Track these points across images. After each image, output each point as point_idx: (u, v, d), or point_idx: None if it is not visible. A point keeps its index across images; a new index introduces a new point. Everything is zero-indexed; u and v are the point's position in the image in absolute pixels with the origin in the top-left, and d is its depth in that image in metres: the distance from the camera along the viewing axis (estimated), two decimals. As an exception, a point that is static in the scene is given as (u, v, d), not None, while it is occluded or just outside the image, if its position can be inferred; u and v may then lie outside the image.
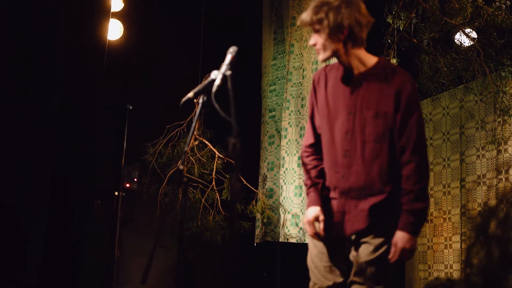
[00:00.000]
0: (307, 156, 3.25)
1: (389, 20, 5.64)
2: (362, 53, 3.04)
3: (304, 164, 3.28)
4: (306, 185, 3.24)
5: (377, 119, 2.99)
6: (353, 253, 3.10)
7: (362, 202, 3.04)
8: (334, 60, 3.14)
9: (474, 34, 5.26)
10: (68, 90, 5.59)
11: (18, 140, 5.21)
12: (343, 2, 2.91)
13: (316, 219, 3.11)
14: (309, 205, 3.19)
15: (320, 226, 3.11)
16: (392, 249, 2.96)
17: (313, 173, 3.21)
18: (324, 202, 3.14)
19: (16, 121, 5.18)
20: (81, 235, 5.75)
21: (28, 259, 5.29)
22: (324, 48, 3.00)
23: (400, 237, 2.94)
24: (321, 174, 3.18)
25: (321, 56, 3.04)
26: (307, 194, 3.23)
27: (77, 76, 5.61)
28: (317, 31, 2.99)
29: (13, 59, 5.23)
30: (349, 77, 3.08)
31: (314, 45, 3.04)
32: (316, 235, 3.12)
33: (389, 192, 3.02)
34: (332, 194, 3.13)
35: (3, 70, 5.14)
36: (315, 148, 3.22)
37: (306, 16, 2.98)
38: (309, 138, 3.25)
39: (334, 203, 3.11)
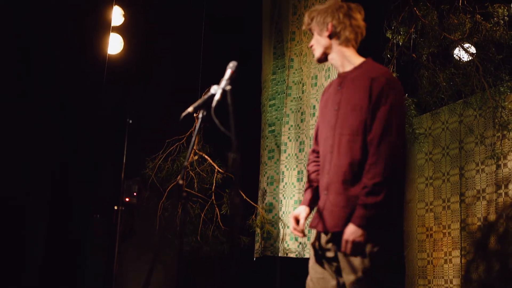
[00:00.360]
0: (310, 162, 3.39)
1: (389, 35, 5.66)
2: (349, 52, 3.24)
3: (307, 170, 3.41)
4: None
5: (353, 113, 3.07)
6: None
7: (339, 198, 3.08)
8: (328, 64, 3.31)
9: (473, 49, 5.28)
10: (68, 103, 5.60)
11: (19, 151, 5.23)
12: (331, 6, 3.26)
13: (298, 217, 3.24)
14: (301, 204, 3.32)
15: (300, 223, 3.23)
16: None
17: (312, 176, 3.33)
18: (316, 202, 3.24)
19: (17, 133, 5.20)
20: (82, 237, 5.74)
21: (28, 259, 5.28)
22: (317, 45, 3.27)
23: (347, 229, 2.96)
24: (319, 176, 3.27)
25: (315, 54, 3.31)
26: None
27: (77, 90, 5.62)
28: (313, 33, 3.30)
29: (14, 72, 5.25)
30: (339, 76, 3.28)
31: (312, 46, 3.31)
32: (296, 231, 3.24)
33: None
34: (320, 191, 3.22)
35: (3, 84, 5.15)
36: (318, 153, 3.33)
37: (304, 20, 3.34)
38: (313, 144, 3.41)
39: (320, 200, 3.20)
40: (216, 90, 3.08)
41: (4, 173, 5.14)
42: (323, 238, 3.17)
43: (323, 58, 3.30)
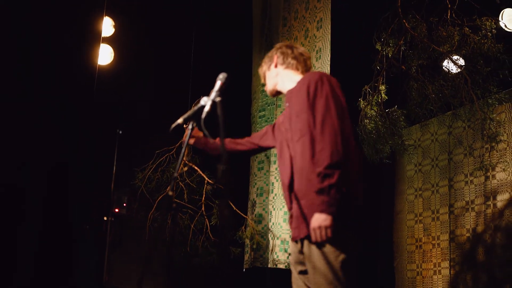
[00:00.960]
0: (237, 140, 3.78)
1: (378, 47, 5.69)
2: (294, 73, 3.45)
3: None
4: None
5: (298, 118, 3.21)
6: None
7: (302, 202, 3.15)
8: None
9: (461, 62, 5.32)
10: (58, 114, 5.59)
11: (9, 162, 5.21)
12: (275, 47, 3.60)
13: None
14: None
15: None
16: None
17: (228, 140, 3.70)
18: None
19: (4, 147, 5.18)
20: (72, 247, 5.71)
21: (21, 261, 5.26)
22: (268, 80, 3.56)
23: (312, 219, 2.99)
24: None
25: (267, 90, 3.59)
26: None
27: (67, 101, 5.61)
28: (265, 77, 3.59)
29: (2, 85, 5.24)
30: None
31: (265, 87, 3.60)
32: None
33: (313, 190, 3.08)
34: (290, 205, 3.30)
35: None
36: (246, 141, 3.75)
37: (259, 73, 3.69)
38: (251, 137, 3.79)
39: (292, 210, 3.27)
40: (206, 102, 3.09)
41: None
42: (297, 248, 3.21)
43: (275, 91, 3.54)
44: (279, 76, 3.48)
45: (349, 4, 5.98)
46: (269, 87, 3.55)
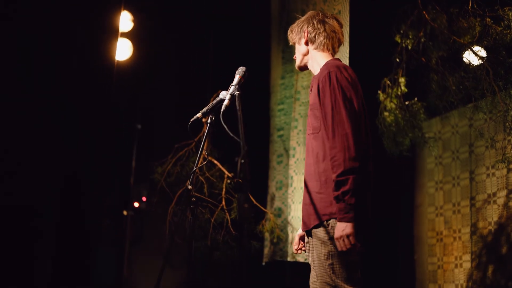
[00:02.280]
0: None
1: (397, 39, 5.65)
2: (321, 57, 3.41)
3: None
4: None
5: (312, 112, 3.23)
6: None
7: (306, 196, 3.20)
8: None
9: (483, 53, 5.25)
10: (77, 109, 5.61)
11: (29, 156, 5.25)
12: (307, 16, 3.49)
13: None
14: None
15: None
16: None
17: None
18: None
19: (26, 139, 5.21)
20: (92, 243, 5.74)
21: (38, 265, 5.30)
22: (297, 54, 3.49)
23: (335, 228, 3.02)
24: None
25: (296, 63, 3.53)
26: None
27: (86, 95, 5.64)
28: (294, 45, 3.53)
29: (21, 78, 5.27)
30: None
31: (294, 57, 3.53)
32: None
33: (318, 187, 3.13)
34: None
35: (9, 90, 5.17)
36: None
37: (288, 35, 3.57)
38: None
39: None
40: (225, 96, 3.09)
41: (16, 178, 5.15)
42: (306, 239, 3.27)
43: (303, 66, 3.50)
44: (310, 56, 3.45)
45: (367, -4, 5.94)
46: (297, 62, 3.51)
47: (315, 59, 3.41)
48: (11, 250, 5.03)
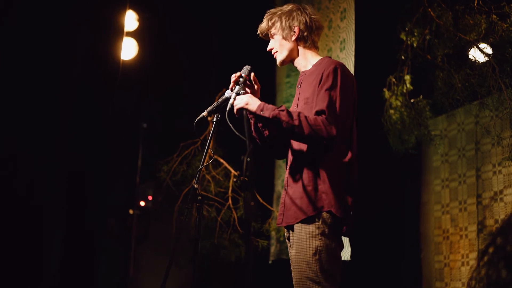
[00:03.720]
0: None
1: (403, 36, 5.63)
2: (312, 54, 3.32)
3: None
4: None
5: (306, 106, 3.14)
6: None
7: (291, 191, 3.20)
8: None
9: (489, 50, 5.23)
10: (83, 108, 5.62)
11: (36, 155, 5.26)
12: (294, 8, 3.31)
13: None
14: None
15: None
16: None
17: None
18: None
19: (32, 138, 5.23)
20: (97, 241, 5.75)
21: (45, 264, 5.31)
22: (281, 48, 3.32)
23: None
24: None
25: (278, 58, 3.37)
26: None
27: (92, 95, 5.64)
28: (272, 36, 3.37)
29: (28, 78, 5.28)
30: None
31: (271, 50, 3.39)
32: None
33: (307, 180, 3.08)
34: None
35: (14, 90, 5.19)
36: None
37: (262, 24, 3.43)
38: None
39: (281, 197, 3.32)
40: (230, 94, 3.09)
41: (22, 178, 5.17)
42: (286, 234, 3.29)
43: (288, 62, 3.38)
44: (299, 53, 3.34)
45: (373, -6, 5.92)
46: (282, 57, 3.36)
47: (304, 56, 3.33)
48: (19, 249, 5.05)
